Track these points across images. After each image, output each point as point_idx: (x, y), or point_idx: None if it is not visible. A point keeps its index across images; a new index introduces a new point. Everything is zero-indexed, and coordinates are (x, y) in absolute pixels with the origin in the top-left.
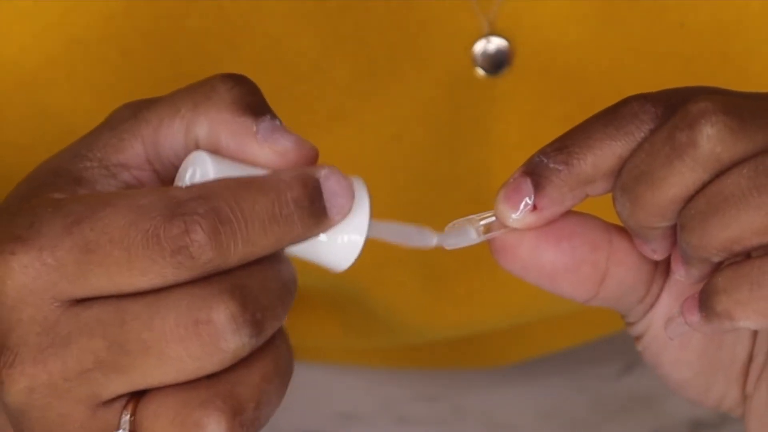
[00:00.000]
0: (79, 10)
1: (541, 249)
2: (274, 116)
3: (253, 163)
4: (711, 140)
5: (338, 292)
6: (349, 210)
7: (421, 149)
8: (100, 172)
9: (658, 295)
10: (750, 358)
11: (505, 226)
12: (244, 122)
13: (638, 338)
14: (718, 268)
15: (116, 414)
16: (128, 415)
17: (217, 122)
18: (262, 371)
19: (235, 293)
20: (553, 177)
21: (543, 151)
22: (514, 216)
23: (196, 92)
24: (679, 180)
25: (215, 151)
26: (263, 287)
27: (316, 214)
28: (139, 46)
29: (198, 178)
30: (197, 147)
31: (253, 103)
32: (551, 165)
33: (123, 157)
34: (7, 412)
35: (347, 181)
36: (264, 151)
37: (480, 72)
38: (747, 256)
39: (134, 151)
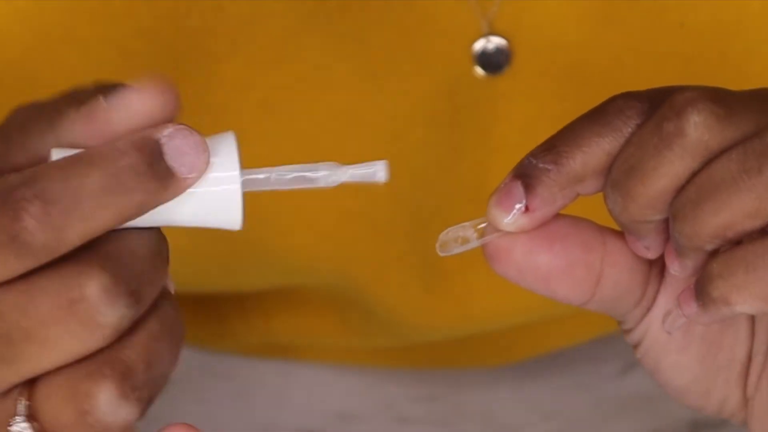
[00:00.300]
0: (79, 11)
1: (535, 252)
2: (119, 84)
3: (106, 132)
4: (698, 128)
5: (338, 292)
6: (204, 165)
7: (420, 149)
8: None
9: (654, 299)
10: (749, 359)
11: (498, 231)
12: (93, 104)
13: (636, 346)
14: (712, 256)
15: (12, 403)
16: (24, 402)
17: (71, 121)
18: (148, 332)
19: (105, 266)
20: (543, 177)
21: (532, 153)
22: (506, 219)
23: (45, 117)
24: (669, 170)
25: (92, 142)
26: (132, 255)
27: (159, 177)
28: (140, 46)
29: None
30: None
31: (94, 90)
32: (540, 165)
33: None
34: None
35: (195, 136)
36: (118, 117)
37: (480, 72)
38: (740, 242)
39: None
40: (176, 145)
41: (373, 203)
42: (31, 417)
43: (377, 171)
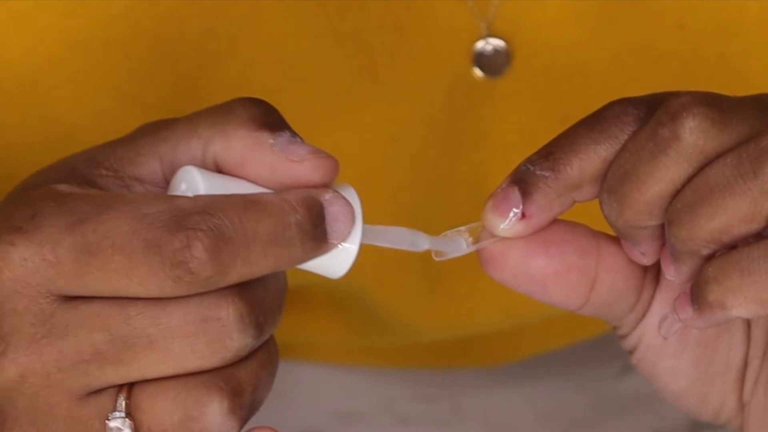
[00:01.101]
0: (80, 12)
1: (530, 257)
2: (293, 133)
3: (270, 177)
4: (693, 132)
5: (338, 292)
6: (348, 235)
7: (420, 150)
8: (115, 182)
9: (649, 305)
10: (745, 364)
11: (494, 236)
12: (260, 136)
13: (632, 351)
14: (707, 261)
15: (107, 401)
16: (123, 399)
17: (233, 139)
18: (259, 360)
19: (243, 294)
20: (540, 184)
21: (529, 160)
22: (502, 225)
23: (214, 113)
24: (664, 175)
25: (233, 169)
26: (265, 291)
27: (318, 238)
28: (140, 47)
29: (189, 195)
30: (215, 165)
31: (270, 120)
32: (538, 172)
33: (138, 172)
34: None
35: (350, 207)
36: (281, 161)
37: (479, 73)
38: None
39: (151, 167)
40: (335, 211)
41: (373, 204)
42: (129, 414)
43: (459, 244)
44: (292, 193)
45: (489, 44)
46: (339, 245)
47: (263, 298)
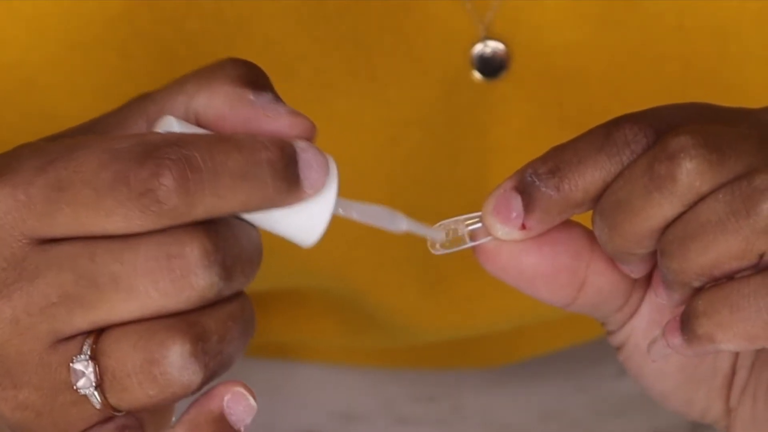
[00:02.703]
0: (78, 13)
1: (523, 253)
2: (277, 97)
3: (246, 131)
4: (690, 174)
5: (337, 294)
6: (322, 186)
7: (418, 152)
8: None
9: (638, 306)
10: (733, 372)
11: (490, 234)
12: (243, 92)
13: (619, 348)
14: (699, 290)
15: (74, 347)
16: (89, 344)
17: (217, 94)
18: (228, 310)
19: (209, 233)
20: (544, 201)
21: (534, 170)
22: (501, 231)
23: (203, 70)
24: (657, 212)
25: (212, 122)
26: (234, 237)
27: (289, 179)
28: (138, 48)
29: None
30: (196, 119)
31: (256, 80)
32: (543, 189)
33: (125, 132)
34: None
35: (324, 157)
36: (258, 116)
37: (477, 75)
38: (728, 279)
39: (138, 126)
40: (308, 158)
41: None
42: (93, 358)
43: (438, 234)
44: (264, 135)
45: (488, 46)
46: (313, 200)
47: (231, 242)
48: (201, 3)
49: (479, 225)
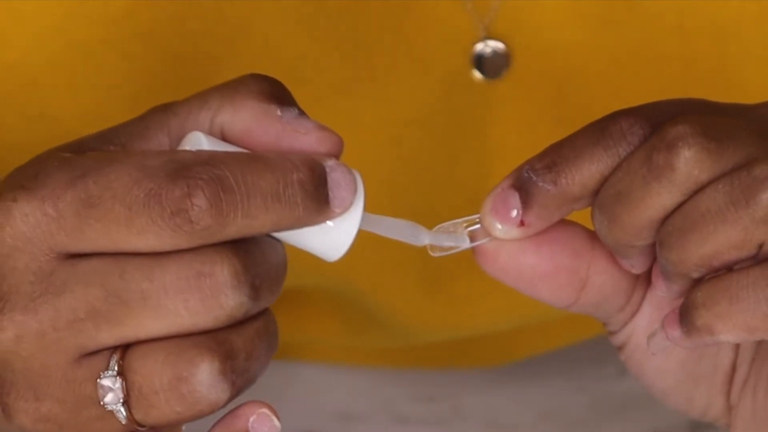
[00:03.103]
0: (80, 14)
1: (522, 254)
2: (302, 111)
3: (275, 147)
4: (689, 163)
5: (339, 294)
6: (350, 205)
7: (419, 152)
8: None
9: (639, 305)
10: (733, 368)
11: (489, 234)
12: (269, 108)
13: (620, 348)
14: (698, 282)
15: (100, 362)
16: (116, 359)
17: (241, 109)
18: (255, 327)
19: (239, 253)
20: (541, 196)
21: (531, 166)
22: (500, 229)
23: (226, 85)
24: (656, 201)
25: (239, 138)
26: (262, 256)
27: (319, 200)
28: (139, 48)
29: None
30: (222, 134)
31: (280, 95)
32: (540, 184)
33: (146, 146)
34: None
35: (352, 175)
36: (287, 132)
37: (477, 75)
38: (727, 269)
39: (159, 141)
40: (337, 177)
41: (372, 205)
42: (120, 374)
43: (461, 240)
44: (294, 154)
45: (488, 46)
46: (339, 217)
47: (260, 261)
48: (202, 3)
49: (478, 226)
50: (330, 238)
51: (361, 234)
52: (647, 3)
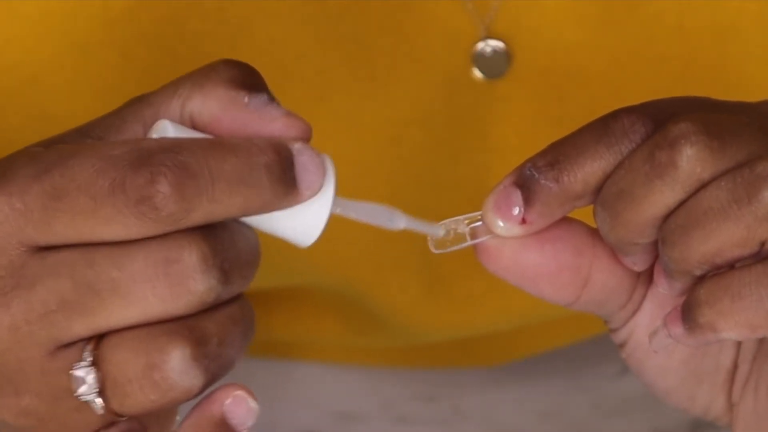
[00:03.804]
0: (80, 14)
1: (525, 252)
2: (271, 97)
3: (240, 134)
4: (691, 161)
5: (338, 293)
6: (319, 188)
7: (419, 152)
8: None
9: (641, 303)
10: (735, 366)
11: (491, 232)
12: (236, 95)
13: (622, 346)
14: (700, 279)
15: (74, 354)
16: (90, 350)
17: (210, 97)
18: (227, 313)
19: (206, 237)
20: (543, 194)
21: (534, 164)
22: (502, 227)
23: (196, 73)
24: (658, 199)
25: (207, 125)
26: (232, 241)
27: (286, 183)
28: (140, 49)
29: None
30: (191, 122)
31: (249, 82)
32: (542, 181)
33: (122, 137)
34: None
35: (320, 158)
36: (254, 119)
37: (478, 75)
38: (729, 267)
39: (134, 131)
40: (304, 160)
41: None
42: (94, 365)
43: (437, 230)
44: (260, 138)
45: (488, 46)
46: (309, 200)
47: (228, 246)
48: (203, 3)
49: (480, 223)
50: (301, 222)
51: (361, 234)
52: (647, 3)
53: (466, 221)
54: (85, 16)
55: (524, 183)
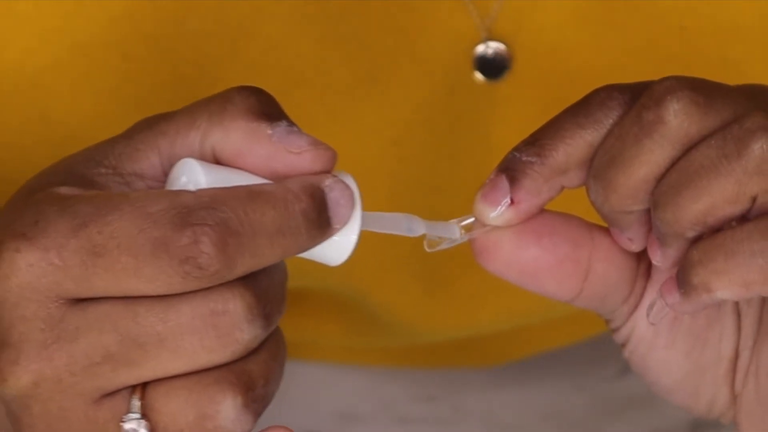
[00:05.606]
0: (81, 15)
1: (523, 247)
2: (291, 123)
3: (268, 167)
4: (678, 115)
5: (339, 293)
6: (349, 218)
7: (420, 153)
8: (114, 179)
9: (641, 297)
10: (736, 355)
11: (485, 226)
12: (258, 127)
13: (624, 344)
14: (694, 243)
15: (121, 403)
16: (137, 400)
17: (231, 130)
18: (268, 351)
19: (249, 286)
20: (527, 170)
21: (516, 148)
22: (492, 214)
23: (212, 103)
24: (649, 158)
25: (231, 160)
26: (270, 282)
27: (321, 225)
28: (141, 49)
29: (191, 188)
30: (213, 156)
31: (268, 110)
32: (524, 158)
33: (137, 167)
34: (6, 409)
35: (350, 191)
36: (279, 152)
37: (479, 76)
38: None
39: (150, 162)
40: (336, 196)
41: (373, 207)
42: (144, 415)
43: (454, 230)
44: (293, 181)
45: (489, 47)
46: (341, 235)
47: (269, 289)
48: (203, 4)
49: (472, 220)
50: (332, 247)
51: (361, 234)
52: (649, 4)
53: (458, 223)
54: (86, 16)
55: (508, 166)
